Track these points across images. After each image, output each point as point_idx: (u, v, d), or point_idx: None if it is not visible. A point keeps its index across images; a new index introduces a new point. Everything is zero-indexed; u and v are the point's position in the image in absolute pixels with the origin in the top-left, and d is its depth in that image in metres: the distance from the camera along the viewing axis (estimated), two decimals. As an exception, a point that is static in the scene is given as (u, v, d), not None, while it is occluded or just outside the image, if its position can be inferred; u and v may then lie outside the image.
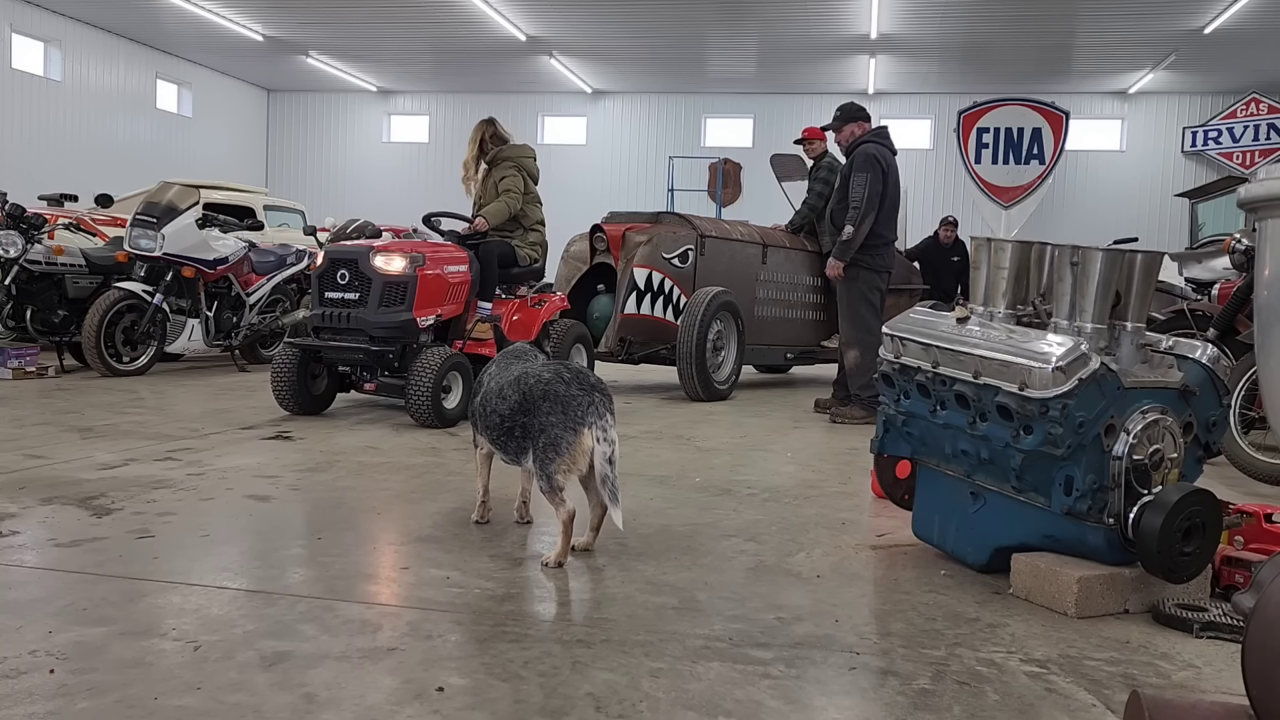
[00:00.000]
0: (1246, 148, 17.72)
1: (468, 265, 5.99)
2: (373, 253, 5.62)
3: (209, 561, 2.82)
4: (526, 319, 6.42)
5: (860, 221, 6.19)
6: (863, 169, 6.23)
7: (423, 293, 5.64)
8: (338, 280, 5.66)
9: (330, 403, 5.98)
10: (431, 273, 5.71)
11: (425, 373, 5.34)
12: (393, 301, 5.59)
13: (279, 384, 5.73)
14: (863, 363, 6.26)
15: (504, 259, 6.27)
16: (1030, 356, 2.63)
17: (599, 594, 2.64)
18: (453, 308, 5.94)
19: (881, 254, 6.38)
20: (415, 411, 5.38)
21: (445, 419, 5.44)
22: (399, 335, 5.58)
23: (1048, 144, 17.85)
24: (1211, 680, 2.20)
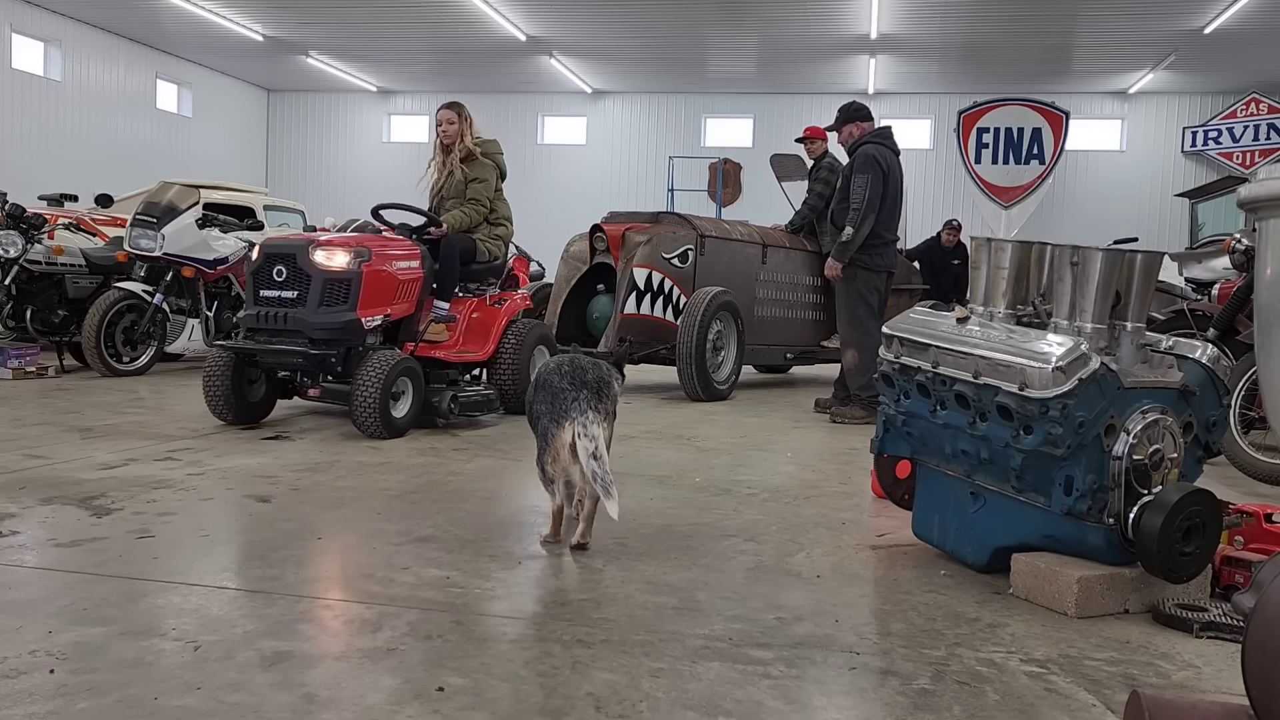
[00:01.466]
0: (1246, 148, 17.72)
1: (420, 261, 5.55)
2: (312, 246, 5.15)
3: (209, 561, 2.82)
4: (485, 319, 6.06)
5: (859, 223, 6.17)
6: (863, 170, 6.21)
7: (368, 290, 5.18)
8: (274, 277, 5.17)
9: (269, 410, 5.53)
10: (378, 269, 5.25)
11: (371, 378, 4.93)
12: (335, 300, 5.12)
13: (211, 391, 5.25)
14: (861, 363, 6.26)
15: (464, 255, 5.92)
16: (1030, 356, 2.63)
17: (599, 594, 2.64)
18: (403, 307, 5.49)
19: (882, 254, 6.36)
20: (360, 421, 4.98)
21: (394, 429, 5.05)
22: (342, 337, 5.14)
23: (1048, 144, 17.85)
24: (1211, 680, 2.20)
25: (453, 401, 5.39)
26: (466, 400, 5.52)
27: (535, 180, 20.14)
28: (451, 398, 5.39)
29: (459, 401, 5.44)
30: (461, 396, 5.49)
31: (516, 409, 5.80)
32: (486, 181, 6.02)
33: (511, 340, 6.02)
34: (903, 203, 6.65)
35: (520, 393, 5.69)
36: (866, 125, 6.45)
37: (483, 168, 6.05)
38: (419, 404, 5.23)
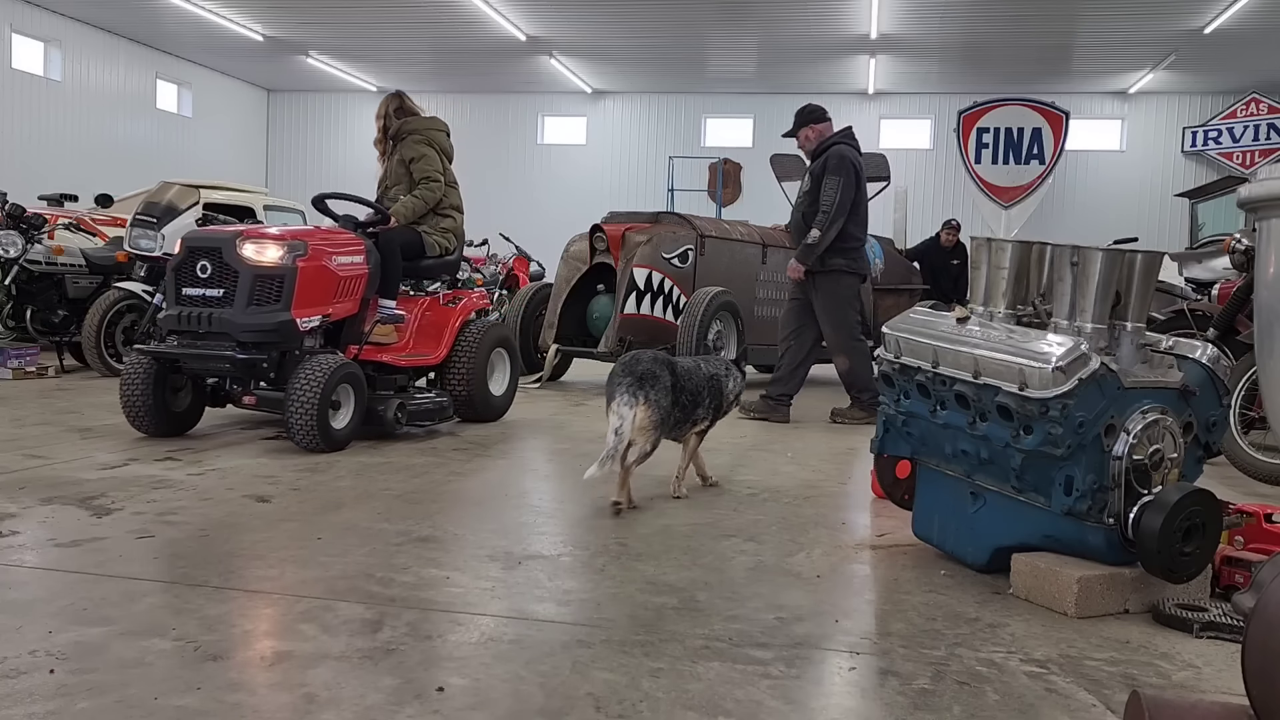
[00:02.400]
0: (1246, 148, 17.72)
1: (365, 256, 5.07)
2: (240, 239, 4.66)
3: (209, 561, 2.81)
4: (438, 319, 5.59)
5: (828, 226, 5.99)
6: (836, 172, 6.02)
7: (304, 288, 4.69)
8: (198, 273, 4.68)
9: (196, 420, 5.05)
10: (316, 264, 4.76)
11: (307, 385, 4.45)
12: (266, 299, 4.63)
13: (130, 401, 4.75)
14: (854, 366, 6.19)
15: (409, 249, 5.39)
16: (1030, 356, 2.63)
17: (599, 594, 2.64)
18: (345, 306, 4.99)
19: (856, 257, 6.24)
20: (295, 432, 4.50)
21: (333, 441, 4.57)
22: (274, 340, 4.65)
23: (1048, 144, 17.86)
24: (1211, 680, 2.20)
25: (400, 410, 4.94)
26: (416, 408, 5.11)
27: (535, 180, 20.16)
28: (399, 406, 4.94)
29: (408, 410, 5.01)
30: (411, 404, 5.06)
31: (472, 416, 5.59)
32: (425, 157, 5.53)
33: (466, 342, 5.58)
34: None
35: (476, 399, 5.52)
36: (824, 126, 6.27)
37: (411, 142, 5.57)
38: (362, 413, 4.76)
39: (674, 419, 3.73)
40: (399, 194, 5.51)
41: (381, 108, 5.68)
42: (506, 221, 16.15)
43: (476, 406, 5.57)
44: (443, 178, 5.53)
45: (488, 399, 5.64)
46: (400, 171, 5.54)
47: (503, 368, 5.88)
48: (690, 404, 3.81)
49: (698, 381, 3.85)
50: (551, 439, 5.34)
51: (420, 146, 5.54)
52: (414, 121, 5.65)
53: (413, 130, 5.59)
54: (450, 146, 5.75)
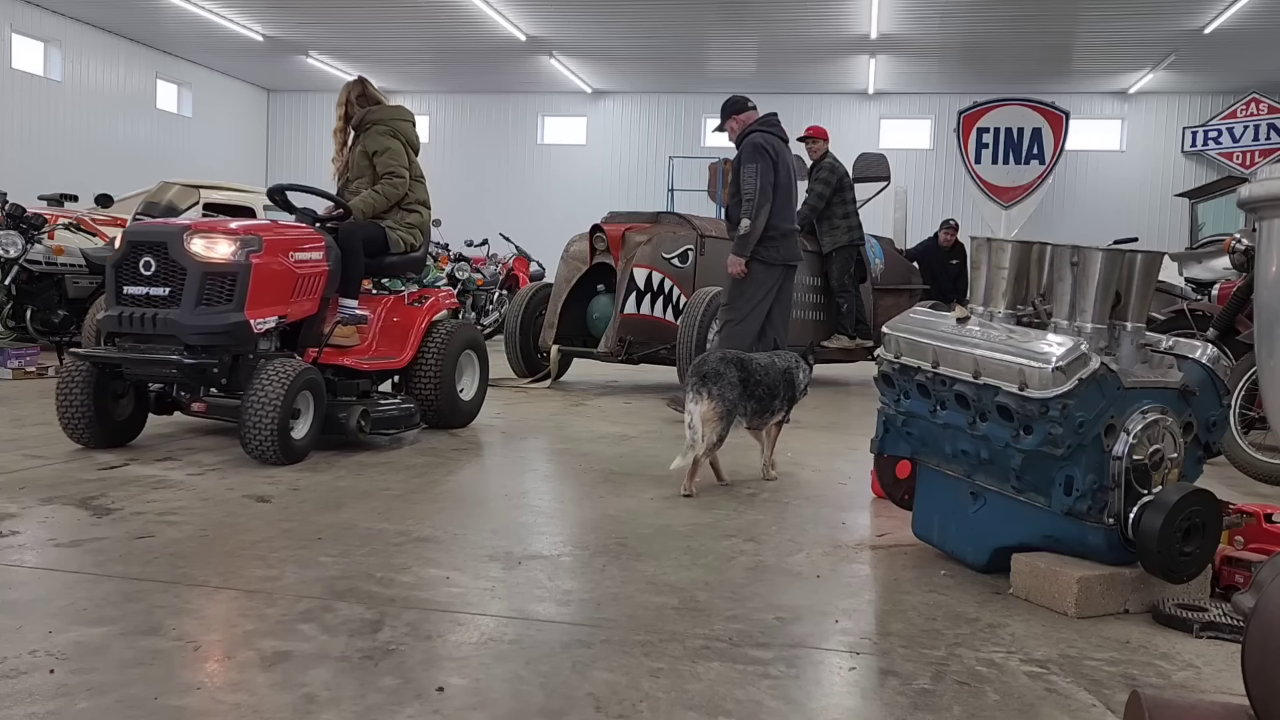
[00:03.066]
0: (1246, 148, 17.72)
1: (325, 252, 4.73)
2: (188, 233, 4.30)
3: (209, 561, 2.81)
4: (404, 320, 5.25)
5: (756, 213, 5.86)
6: (751, 159, 5.90)
7: (259, 286, 4.35)
8: (140, 271, 4.30)
9: (139, 430, 4.67)
10: (271, 261, 4.41)
11: (264, 393, 4.12)
12: (217, 298, 4.28)
13: (65, 409, 4.39)
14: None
15: (372, 244, 5.05)
16: (1030, 356, 2.63)
17: (599, 594, 2.64)
18: (303, 306, 4.66)
19: (777, 247, 5.98)
20: (251, 443, 4.15)
21: (292, 452, 4.23)
22: (226, 342, 4.31)
23: (1048, 144, 17.85)
24: (1211, 680, 2.20)
25: (363, 418, 4.59)
26: (381, 416, 4.76)
27: (535, 180, 20.16)
28: (362, 413, 4.59)
29: (371, 417, 4.66)
30: (375, 411, 4.72)
31: (439, 423, 5.29)
32: (390, 150, 5.16)
33: (434, 344, 5.24)
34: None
35: (444, 404, 5.23)
36: (748, 116, 6.18)
37: (375, 133, 5.21)
38: (321, 421, 4.43)
39: (749, 410, 4.05)
40: (361, 187, 5.20)
41: (342, 95, 5.34)
42: (506, 221, 16.15)
43: (444, 412, 5.27)
44: (408, 172, 5.21)
45: (456, 404, 5.34)
46: (363, 164, 5.22)
47: (471, 371, 5.58)
48: (767, 396, 4.11)
49: (773, 376, 4.15)
50: (551, 439, 5.34)
51: (385, 139, 5.18)
52: (378, 111, 5.30)
53: (377, 120, 5.24)
54: (416, 138, 5.40)
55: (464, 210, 18.17)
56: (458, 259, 11.92)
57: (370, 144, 5.18)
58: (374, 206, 5.08)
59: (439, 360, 5.22)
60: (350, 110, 5.30)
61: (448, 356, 5.25)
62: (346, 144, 5.35)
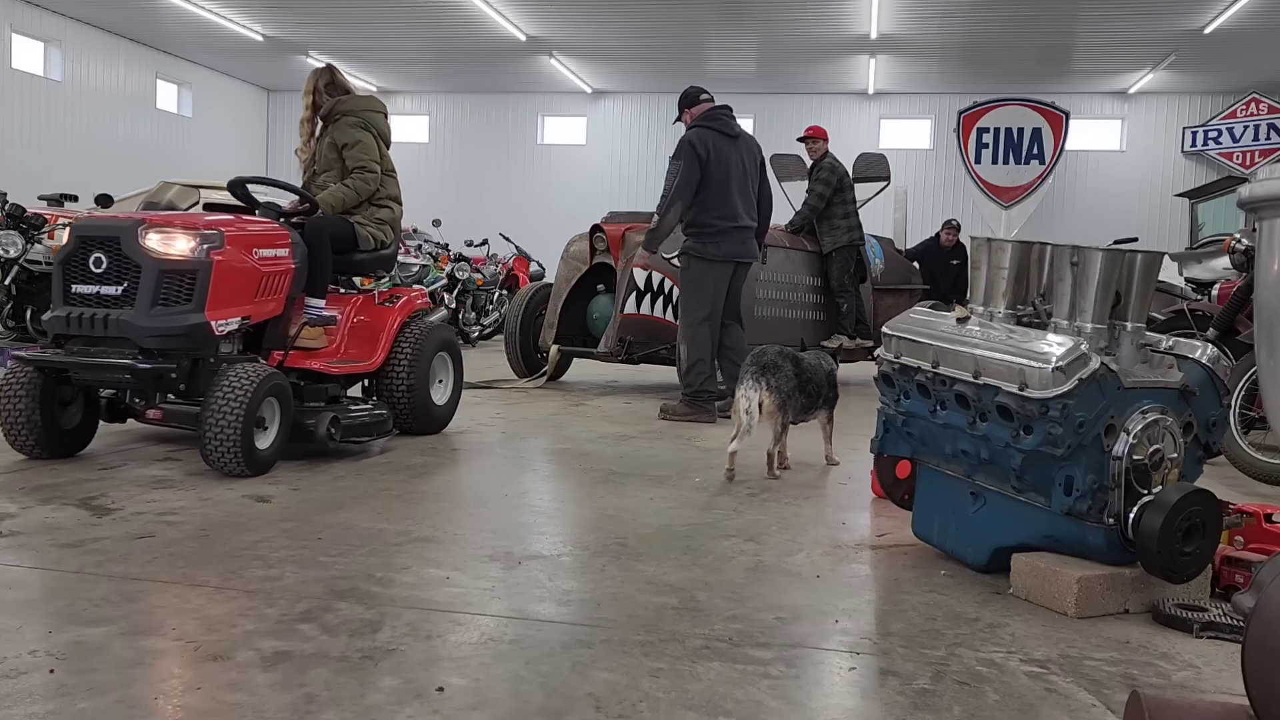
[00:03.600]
0: (1246, 148, 17.72)
1: (290, 249, 4.44)
2: (143, 228, 3.99)
3: (209, 561, 2.81)
4: (373, 320, 4.96)
5: (665, 211, 5.92)
6: (676, 156, 5.99)
7: (220, 285, 4.06)
8: (91, 268, 4.00)
9: (89, 438, 4.39)
10: (234, 258, 4.13)
11: (227, 400, 3.84)
12: (175, 298, 3.99)
13: (8, 417, 4.11)
14: (689, 356, 6.07)
15: (340, 241, 4.77)
16: (1030, 356, 2.63)
17: (599, 594, 2.64)
18: (268, 306, 4.37)
19: (716, 242, 5.99)
20: (213, 454, 3.87)
21: (258, 463, 3.97)
22: (185, 345, 4.02)
23: (1048, 144, 17.85)
24: (1211, 680, 2.20)
25: (333, 425, 4.31)
26: (352, 422, 4.48)
27: (535, 180, 20.16)
28: (332, 420, 4.30)
29: (341, 424, 4.37)
30: (345, 418, 4.43)
31: (412, 428, 5.03)
32: (361, 143, 4.90)
33: (407, 346, 4.96)
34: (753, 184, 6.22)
35: (417, 409, 4.99)
36: (698, 109, 6.19)
37: (345, 125, 4.93)
38: (288, 429, 4.16)
39: (799, 404, 4.30)
40: (329, 181, 4.93)
41: (309, 83, 5.04)
42: (506, 221, 16.15)
43: (417, 417, 5.02)
44: (379, 167, 4.97)
45: (429, 409, 5.09)
46: (331, 156, 4.95)
47: (445, 374, 5.32)
48: (815, 393, 4.39)
49: (820, 375, 4.44)
50: (551, 439, 5.34)
51: (355, 131, 4.91)
52: (349, 101, 5.02)
53: (347, 111, 4.96)
54: (388, 130, 5.17)
55: (464, 210, 18.18)
56: (458, 259, 11.93)
57: (340, 136, 4.92)
58: (344, 201, 4.82)
59: (412, 363, 4.95)
60: (318, 99, 5.02)
61: (421, 359, 4.99)
62: (314, 135, 5.09)
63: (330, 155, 4.96)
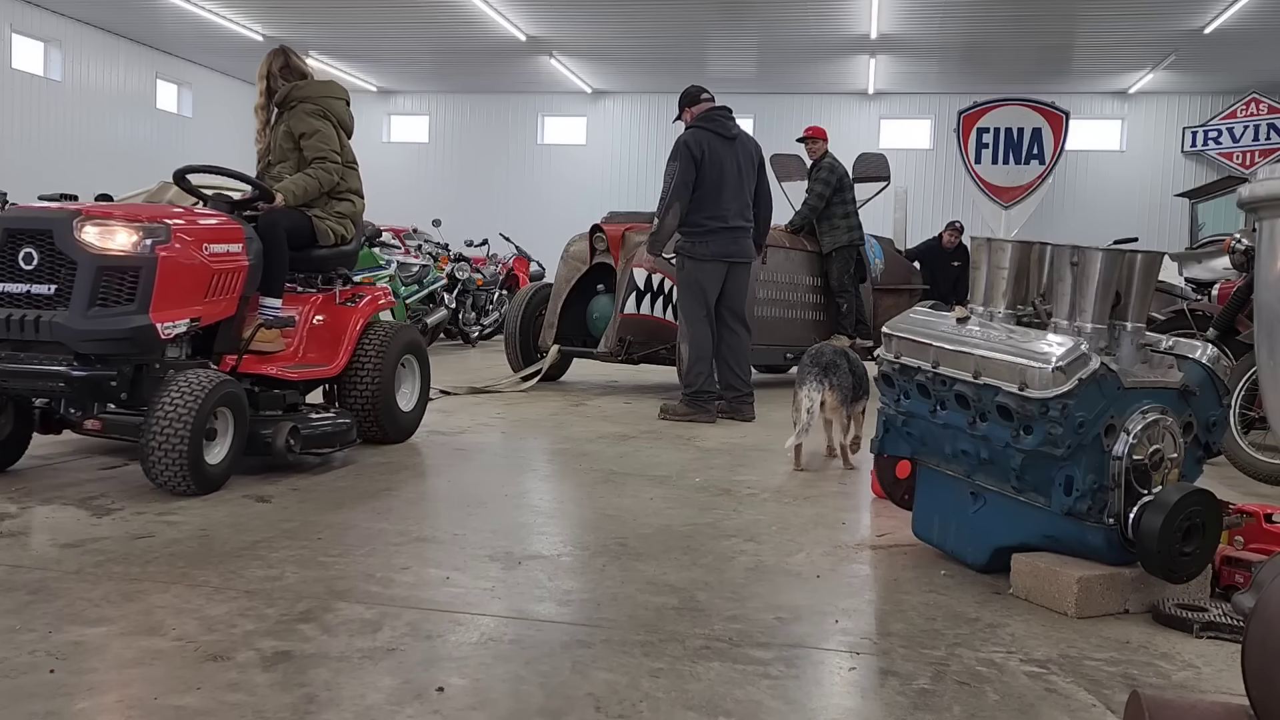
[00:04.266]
0: (1246, 148, 17.71)
1: (244, 245, 4.08)
2: (79, 220, 3.60)
3: (209, 562, 2.81)
4: (334, 321, 4.62)
5: (665, 213, 5.95)
6: (672, 158, 6.01)
7: (167, 284, 3.69)
8: (20, 264, 3.61)
9: (20, 453, 4.04)
10: (182, 253, 3.76)
11: (174, 411, 3.47)
12: (115, 298, 3.61)
13: None
14: (689, 356, 6.10)
15: (297, 235, 4.41)
16: (1030, 356, 2.63)
17: (599, 594, 2.64)
18: (219, 306, 4.01)
19: (706, 242, 6.01)
20: (156, 470, 3.51)
21: (207, 480, 3.61)
22: (127, 350, 3.66)
23: (1048, 144, 17.84)
24: (1211, 680, 2.20)
25: (293, 435, 3.95)
26: (313, 432, 4.13)
27: (535, 180, 20.15)
28: (291, 430, 3.95)
29: (301, 435, 4.01)
30: (305, 428, 4.06)
31: (376, 437, 4.72)
32: (320, 132, 4.56)
33: (370, 348, 4.64)
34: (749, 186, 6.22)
35: (382, 416, 4.69)
36: (698, 108, 6.19)
37: (301, 112, 4.59)
38: (242, 442, 3.80)
39: (851, 399, 4.61)
40: (284, 172, 4.59)
41: (262, 67, 4.68)
42: (506, 221, 16.15)
43: (382, 425, 4.71)
44: (340, 157, 4.62)
45: (394, 416, 4.77)
46: (287, 146, 4.61)
47: (411, 379, 5.00)
48: (858, 388, 4.65)
49: (861, 371, 4.70)
50: (551, 439, 5.34)
51: (313, 119, 4.57)
52: (306, 87, 4.65)
53: (305, 98, 4.61)
54: (350, 119, 4.81)
55: (464, 210, 18.17)
56: (458, 259, 11.92)
57: (296, 124, 4.57)
58: (306, 192, 4.45)
59: (377, 366, 4.63)
60: (273, 84, 4.66)
61: (386, 362, 4.66)
62: (268, 123, 4.74)
63: (286, 145, 4.62)
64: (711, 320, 6.11)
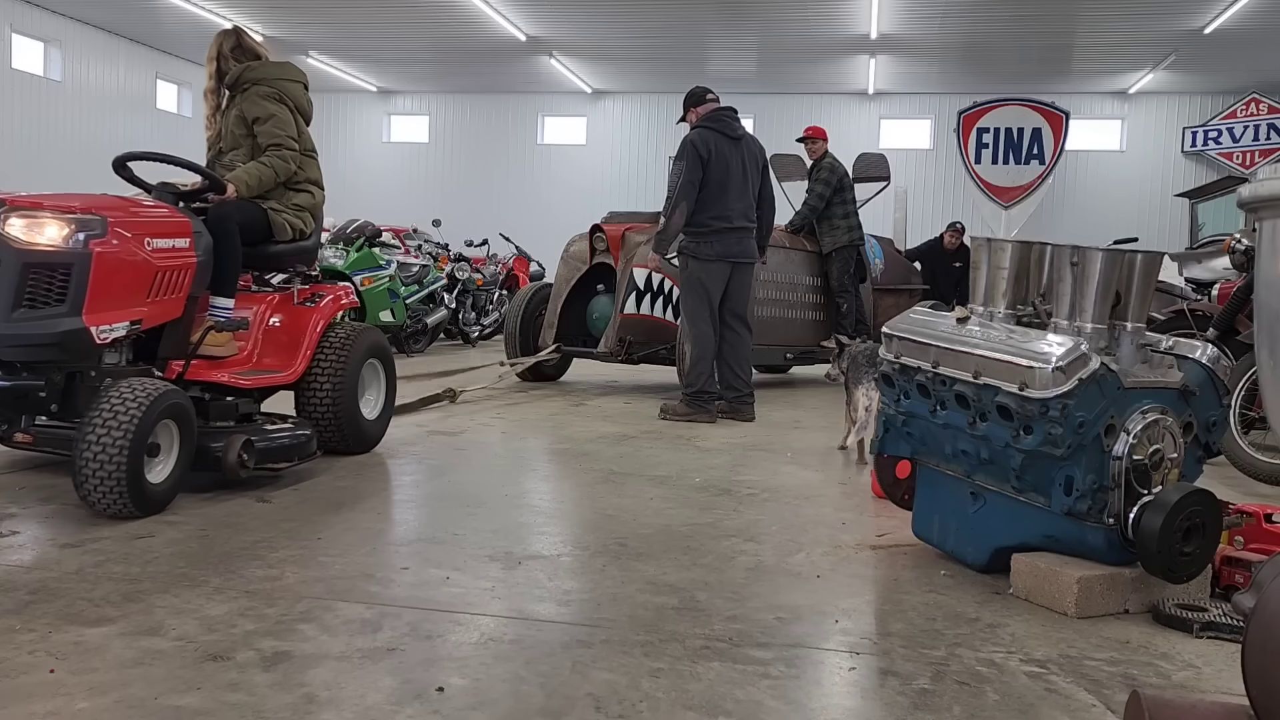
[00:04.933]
0: (1246, 148, 17.72)
1: (192, 239, 3.73)
2: (3, 211, 3.26)
3: (209, 562, 2.81)
4: (293, 323, 4.28)
5: (671, 211, 5.96)
6: (679, 157, 6.02)
7: (103, 282, 3.34)
8: None
9: None
10: (120, 249, 3.41)
11: (108, 425, 3.12)
12: (43, 298, 3.27)
13: None
14: (691, 355, 6.09)
15: (251, 229, 4.07)
16: (1030, 356, 2.63)
17: (599, 594, 2.64)
18: (164, 307, 3.65)
19: (711, 242, 6.03)
20: (90, 490, 3.15)
21: (148, 501, 3.25)
22: (56, 356, 3.33)
23: (1048, 144, 17.85)
24: (1211, 680, 2.20)
25: (245, 450, 3.59)
26: (268, 446, 3.77)
27: (535, 180, 20.15)
28: (244, 444, 3.59)
29: (255, 449, 3.66)
30: (259, 441, 3.72)
31: (339, 448, 4.38)
32: (275, 117, 4.20)
33: (331, 352, 4.30)
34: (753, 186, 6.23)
35: (345, 425, 4.34)
36: (703, 109, 6.23)
37: (255, 95, 4.23)
38: (190, 457, 3.45)
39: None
40: (236, 160, 4.23)
41: (212, 48, 4.33)
42: (506, 221, 16.15)
43: (345, 435, 4.36)
44: (298, 144, 4.27)
45: (358, 425, 4.42)
46: (240, 132, 4.25)
47: (376, 384, 4.65)
48: None
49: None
50: (551, 439, 5.34)
51: (268, 103, 4.21)
52: (260, 68, 4.30)
53: (258, 80, 4.26)
54: (308, 104, 4.44)
55: (464, 210, 18.17)
56: (458, 259, 11.93)
57: (250, 109, 4.22)
58: (261, 182, 4.10)
59: (339, 372, 4.28)
60: (223, 66, 4.31)
61: (350, 366, 4.32)
62: (219, 108, 4.38)
63: (238, 131, 4.25)
64: (715, 320, 6.12)
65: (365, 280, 9.33)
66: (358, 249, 9.52)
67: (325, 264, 9.12)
